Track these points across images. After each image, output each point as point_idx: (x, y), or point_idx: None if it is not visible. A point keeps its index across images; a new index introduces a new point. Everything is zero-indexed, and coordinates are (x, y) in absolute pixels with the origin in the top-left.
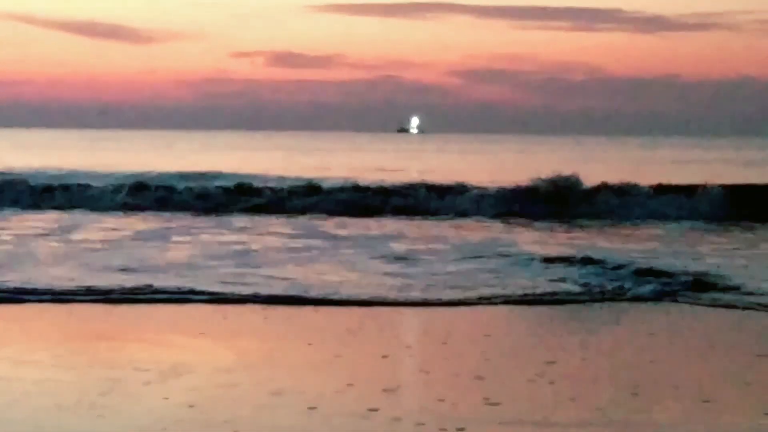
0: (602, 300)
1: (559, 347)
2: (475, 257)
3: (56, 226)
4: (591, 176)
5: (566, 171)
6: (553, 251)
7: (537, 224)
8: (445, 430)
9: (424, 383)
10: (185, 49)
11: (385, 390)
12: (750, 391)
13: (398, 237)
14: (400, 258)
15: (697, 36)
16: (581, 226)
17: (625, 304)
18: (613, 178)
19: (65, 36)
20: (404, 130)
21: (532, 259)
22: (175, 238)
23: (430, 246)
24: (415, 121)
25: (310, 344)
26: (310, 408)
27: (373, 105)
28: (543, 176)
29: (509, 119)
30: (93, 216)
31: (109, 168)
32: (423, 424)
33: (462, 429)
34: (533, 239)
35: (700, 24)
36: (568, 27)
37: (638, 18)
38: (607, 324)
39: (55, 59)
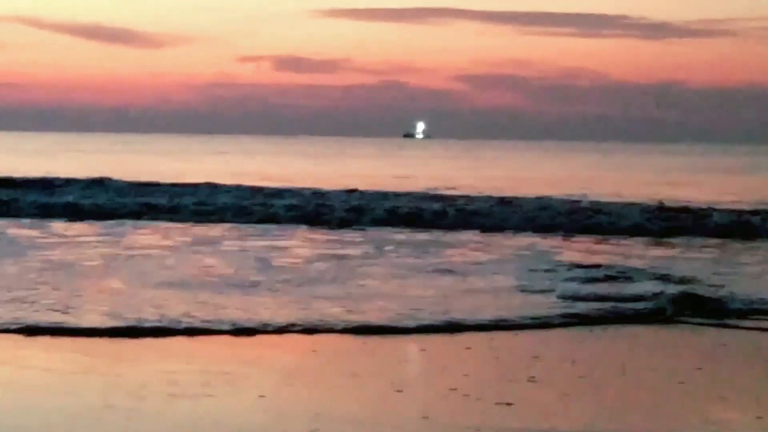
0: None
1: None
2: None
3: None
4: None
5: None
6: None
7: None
8: (500, 403)
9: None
10: (192, 53)
11: (465, 375)
12: None
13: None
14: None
15: (702, 42)
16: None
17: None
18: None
19: (72, 40)
20: (410, 135)
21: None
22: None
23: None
24: (420, 126)
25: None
26: (397, 390)
27: (379, 110)
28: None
29: (515, 125)
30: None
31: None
32: (480, 399)
33: (510, 404)
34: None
35: (706, 30)
36: (574, 33)
37: (644, 24)
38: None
39: (61, 63)
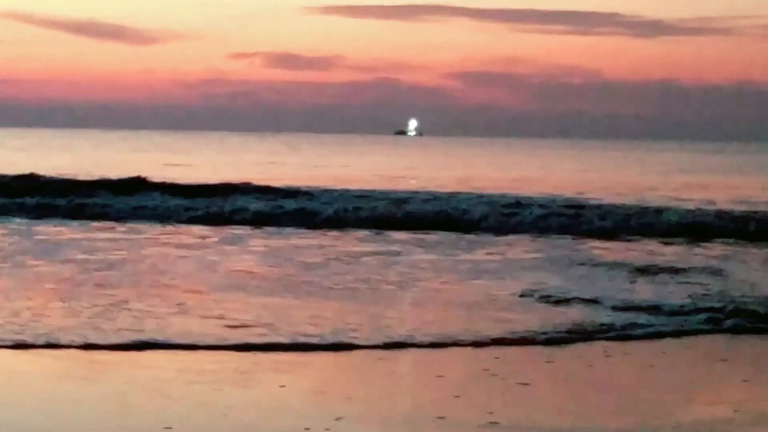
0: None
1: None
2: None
3: None
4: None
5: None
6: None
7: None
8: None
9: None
10: (184, 50)
11: (497, 357)
12: None
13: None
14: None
15: (696, 40)
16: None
17: None
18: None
19: (64, 36)
20: (402, 132)
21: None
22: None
23: None
24: (413, 124)
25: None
26: (438, 376)
27: (371, 107)
28: None
29: (507, 122)
30: None
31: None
32: (505, 380)
33: (526, 384)
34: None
35: (700, 28)
36: (566, 30)
37: (637, 22)
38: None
39: (54, 59)
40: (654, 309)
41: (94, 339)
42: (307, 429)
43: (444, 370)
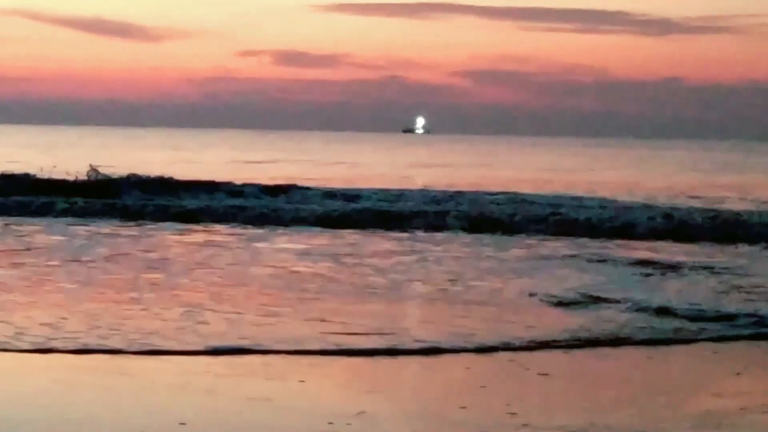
0: None
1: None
2: None
3: None
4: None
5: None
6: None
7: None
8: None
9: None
10: (192, 48)
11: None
12: None
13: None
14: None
15: (703, 39)
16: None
17: None
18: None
19: (72, 33)
20: (410, 130)
21: None
22: None
23: None
24: (420, 122)
25: None
26: (465, 368)
27: (379, 105)
28: None
29: (514, 120)
30: None
31: None
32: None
33: (546, 374)
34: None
35: (707, 27)
36: (574, 29)
37: (645, 20)
38: None
39: (61, 56)
40: (695, 312)
41: (115, 342)
42: (330, 423)
43: (468, 368)
